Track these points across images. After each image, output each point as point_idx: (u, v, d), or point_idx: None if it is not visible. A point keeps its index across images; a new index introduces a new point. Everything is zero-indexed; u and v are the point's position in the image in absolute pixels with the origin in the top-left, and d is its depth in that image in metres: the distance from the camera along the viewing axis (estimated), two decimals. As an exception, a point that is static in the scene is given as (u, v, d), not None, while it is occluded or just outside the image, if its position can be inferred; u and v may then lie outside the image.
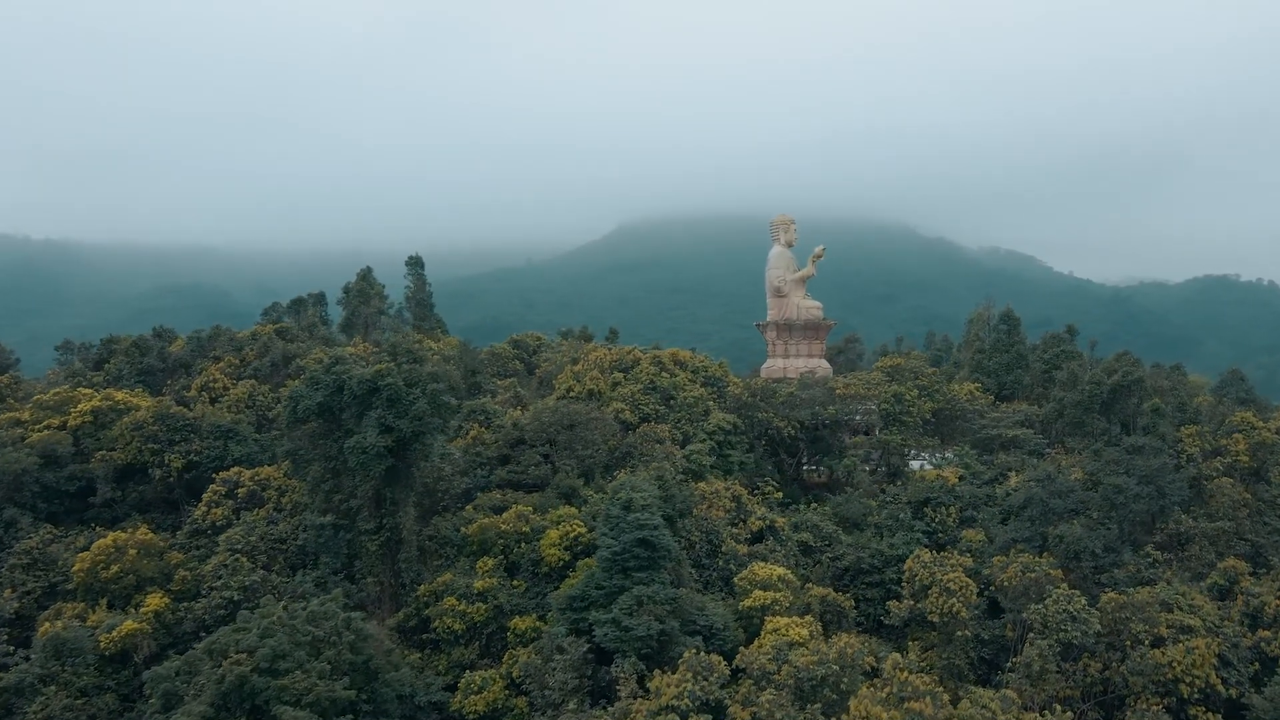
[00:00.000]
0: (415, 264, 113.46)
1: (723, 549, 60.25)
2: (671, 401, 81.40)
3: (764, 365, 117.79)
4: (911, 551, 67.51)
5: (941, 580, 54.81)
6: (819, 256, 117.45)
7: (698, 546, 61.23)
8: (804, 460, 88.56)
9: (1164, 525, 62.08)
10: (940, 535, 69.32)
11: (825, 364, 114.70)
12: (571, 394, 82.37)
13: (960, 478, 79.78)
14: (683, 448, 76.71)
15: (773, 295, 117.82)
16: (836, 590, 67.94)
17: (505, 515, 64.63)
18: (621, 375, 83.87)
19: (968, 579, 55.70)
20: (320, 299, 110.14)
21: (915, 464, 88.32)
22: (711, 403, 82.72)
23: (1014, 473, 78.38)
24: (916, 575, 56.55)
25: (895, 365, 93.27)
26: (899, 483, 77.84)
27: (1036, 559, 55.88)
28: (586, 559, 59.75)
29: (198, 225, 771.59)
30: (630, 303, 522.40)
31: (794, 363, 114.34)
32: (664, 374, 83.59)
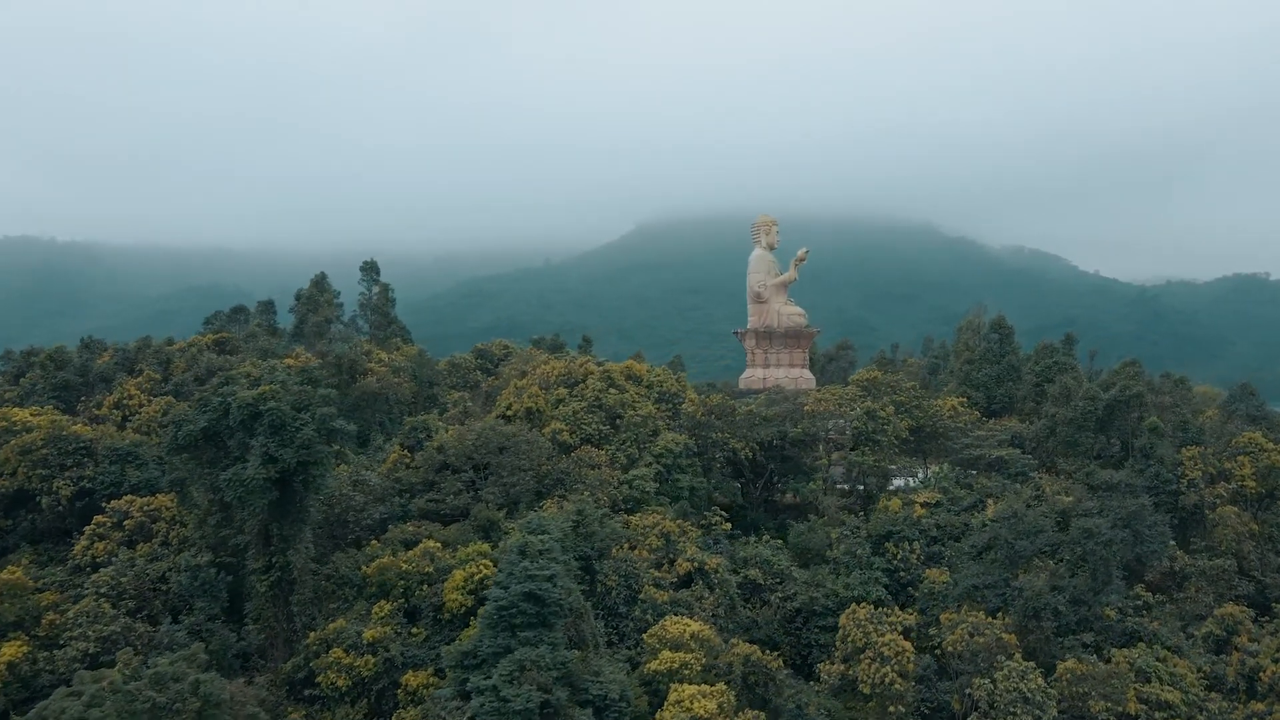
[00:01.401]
0: (370, 270, 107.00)
1: (641, 596, 53.19)
2: (618, 421, 74.47)
3: (742, 375, 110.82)
4: (869, 591, 60.57)
5: (877, 643, 47.52)
6: (801, 260, 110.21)
7: (615, 593, 54.28)
8: (774, 480, 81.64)
9: (1144, 574, 54.55)
10: (902, 574, 62.13)
11: (808, 374, 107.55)
12: (511, 412, 75.71)
13: (937, 503, 72.82)
14: (626, 472, 70.05)
15: (752, 301, 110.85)
16: (788, 634, 61.26)
17: (410, 552, 58.01)
18: (566, 391, 77.05)
19: (906, 643, 48.35)
20: (269, 306, 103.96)
21: (899, 482, 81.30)
22: (662, 422, 75.73)
23: (993, 499, 71.06)
24: (850, 635, 49.33)
25: (872, 379, 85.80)
26: (861, 514, 70.59)
27: (990, 620, 48.40)
28: (493, 605, 53.02)
29: (217, 227, 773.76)
30: (648, 303, 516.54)
31: (774, 373, 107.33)
32: (612, 390, 76.66)
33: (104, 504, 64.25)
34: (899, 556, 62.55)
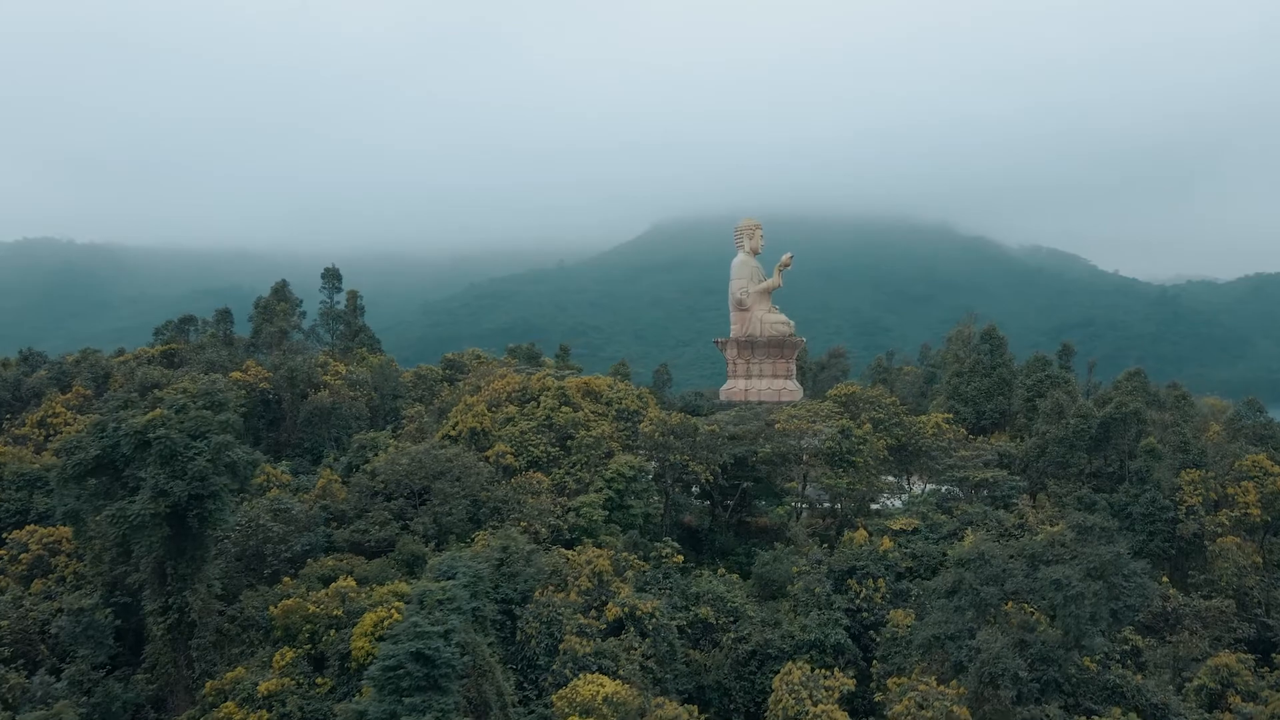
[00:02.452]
0: (331, 276, 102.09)
1: (561, 647, 47.90)
2: (569, 442, 69.32)
3: (723, 387, 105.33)
4: (828, 634, 55.20)
5: (810, 714, 42.03)
6: (786, 265, 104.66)
7: (535, 642, 49.03)
8: (745, 502, 76.39)
9: (1119, 631, 48.85)
10: (865, 614, 56.65)
11: (792, 385, 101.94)
12: (455, 431, 70.69)
13: (915, 530, 67.32)
14: (575, 498, 64.96)
15: (734, 309, 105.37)
16: (740, 678, 55.93)
17: (321, 592, 53.02)
18: (516, 409, 71.97)
19: (843, 715, 42.81)
20: (226, 315, 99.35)
21: (890, 502, 76.00)
22: (618, 443, 70.54)
23: (972, 528, 65.50)
24: (782, 702, 43.82)
25: (850, 394, 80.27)
26: (833, 541, 65.14)
27: (941, 689, 42.77)
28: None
29: (235, 229, 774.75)
30: (662, 303, 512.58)
31: (756, 384, 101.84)
32: (564, 409, 71.52)
33: (4, 534, 59.74)
34: (862, 595, 57.10)
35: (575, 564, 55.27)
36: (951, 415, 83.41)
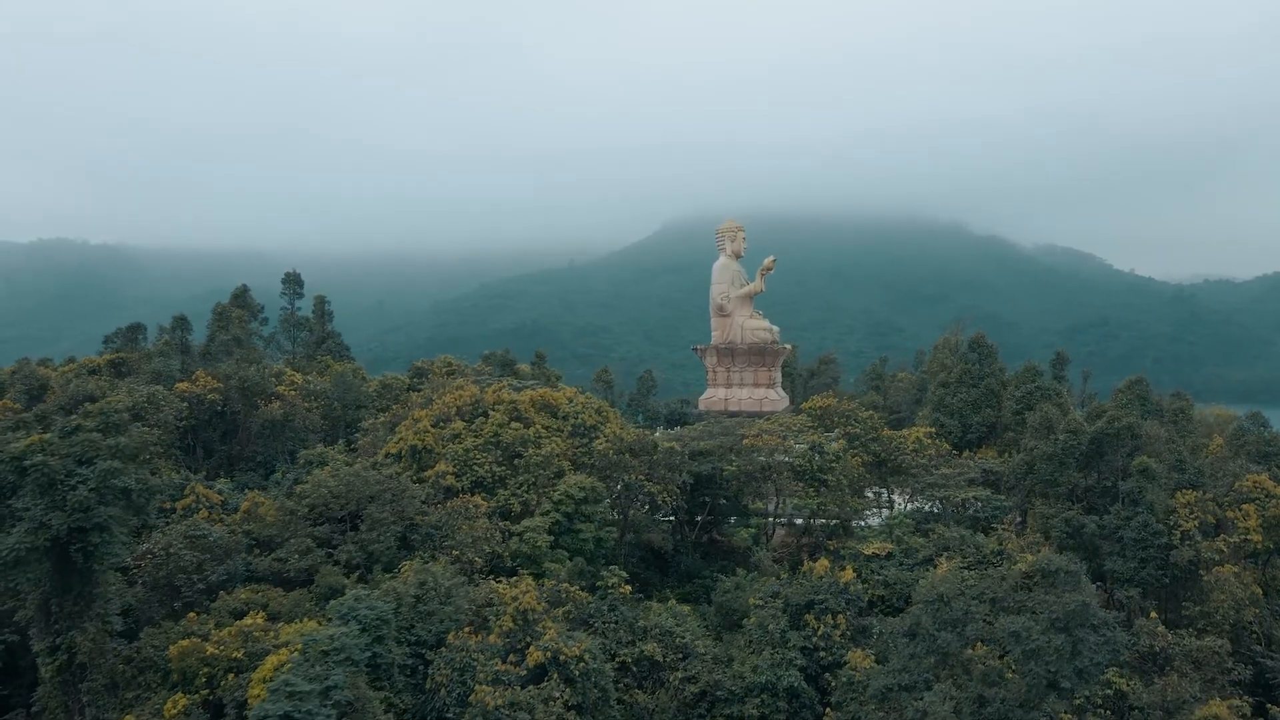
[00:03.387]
0: (292, 283, 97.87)
1: (472, 698, 43.22)
2: (517, 460, 64.76)
3: (702, 396, 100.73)
4: (780, 676, 50.49)
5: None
6: (768, 270, 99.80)
7: (445, 691, 44.38)
8: (716, 520, 71.96)
9: (1088, 686, 43.87)
10: (823, 654, 51.77)
11: (774, 395, 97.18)
12: (396, 449, 66.32)
13: (888, 555, 62.59)
14: (519, 522, 60.47)
15: (715, 314, 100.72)
16: (689, 721, 51.34)
17: (224, 630, 48.61)
18: (463, 425, 67.45)
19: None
20: (183, 323, 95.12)
21: (871, 518, 71.40)
22: (568, 462, 65.95)
23: (947, 555, 60.67)
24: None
25: (824, 407, 75.43)
26: (793, 571, 60.29)
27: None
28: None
29: (246, 229, 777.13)
30: (671, 304, 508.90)
31: (736, 393, 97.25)
32: (514, 424, 66.96)
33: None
34: (820, 632, 52.25)
35: (506, 599, 50.68)
36: (935, 429, 78.54)
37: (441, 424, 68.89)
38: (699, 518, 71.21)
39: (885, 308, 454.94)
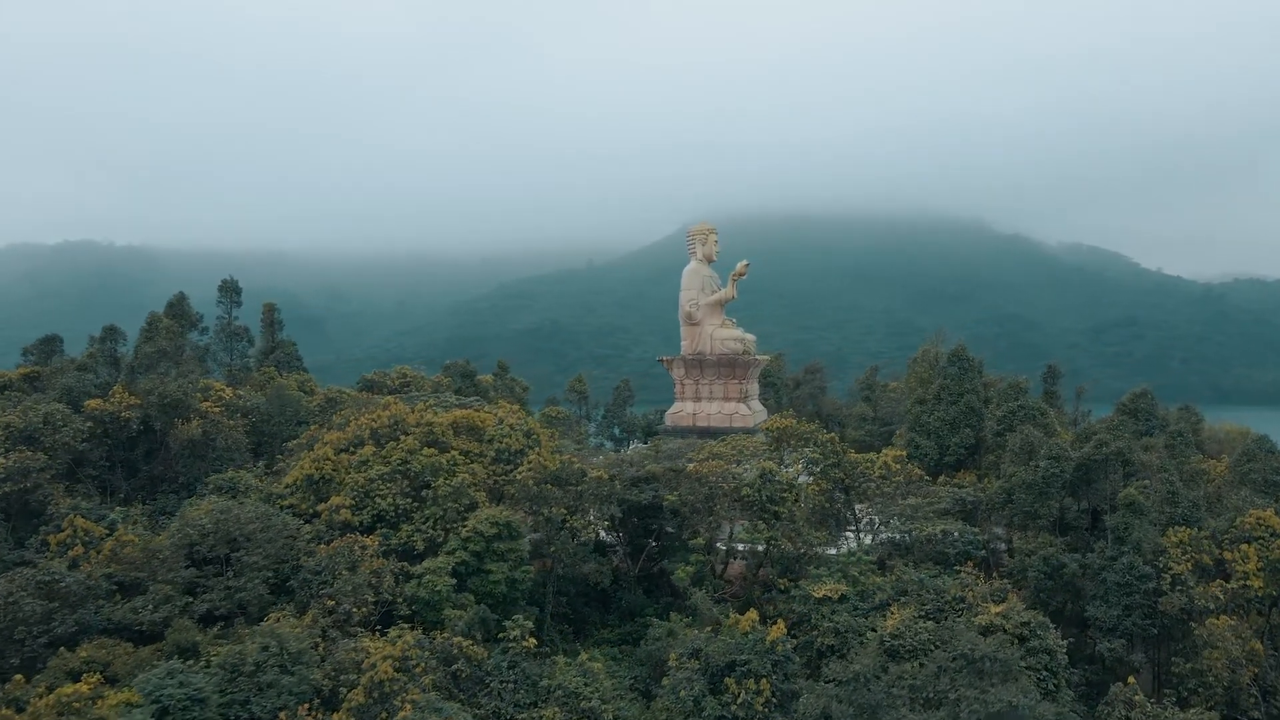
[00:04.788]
0: (229, 291, 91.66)
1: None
2: (425, 491, 58.09)
3: (669, 411, 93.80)
4: (693, 752, 43.65)
5: None
6: (740, 275, 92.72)
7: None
8: (665, 550, 65.16)
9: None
10: (743, 725, 44.86)
11: (746, 409, 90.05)
12: (293, 480, 59.89)
13: (841, 598, 55.64)
14: (420, 562, 53.83)
15: (684, 323, 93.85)
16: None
17: (44, 700, 42.24)
18: (372, 450, 60.85)
19: None
20: (113, 333, 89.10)
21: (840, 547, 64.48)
22: (484, 492, 59.25)
23: (903, 601, 53.59)
24: None
25: (783, 428, 68.32)
26: (722, 623, 53.24)
27: None
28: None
29: (267, 230, 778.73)
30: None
31: (706, 408, 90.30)
32: (427, 450, 60.29)
33: None
34: (740, 699, 45.29)
35: (374, 659, 44.04)
36: (907, 451, 71.25)
37: (353, 448, 62.39)
38: (651, 544, 64.64)
39: (906, 308, 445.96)
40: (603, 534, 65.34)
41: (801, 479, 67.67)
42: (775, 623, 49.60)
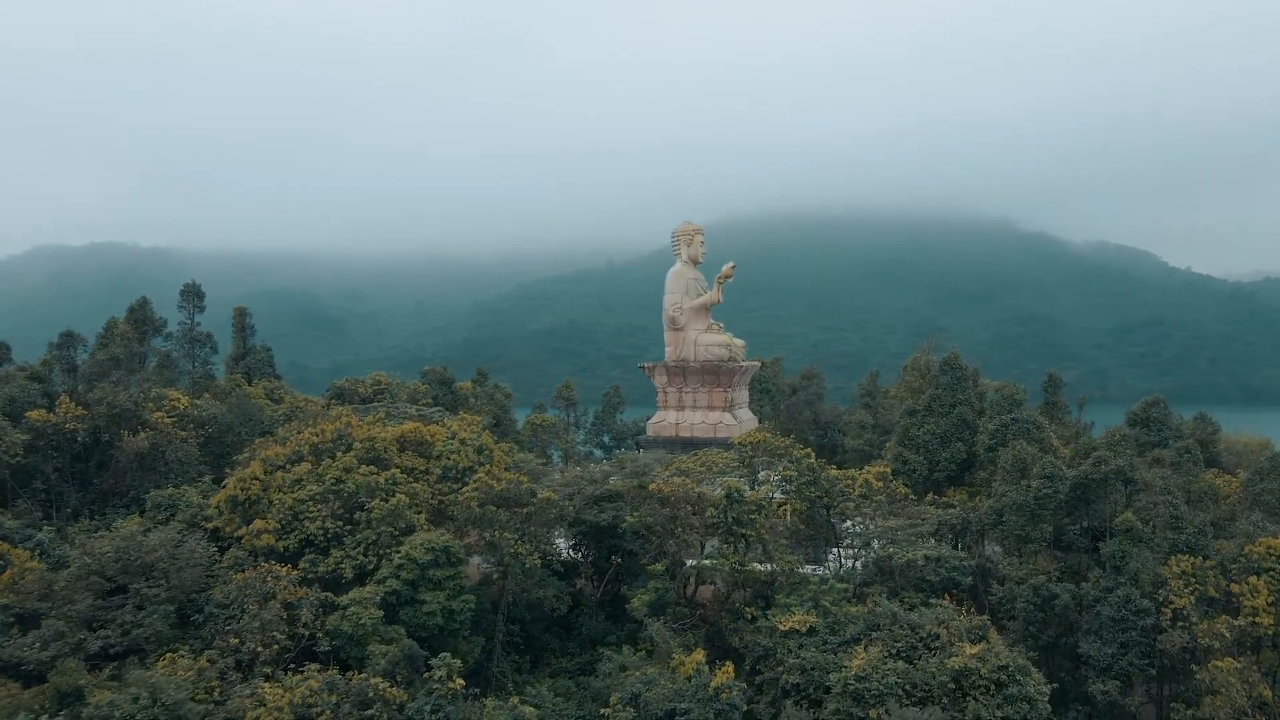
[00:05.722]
0: (190, 295, 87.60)
1: None
2: (358, 514, 53.71)
3: (651, 420, 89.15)
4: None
5: None
6: (726, 278, 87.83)
7: None
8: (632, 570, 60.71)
9: None
10: (680, 783, 40.24)
11: (731, 418, 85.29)
12: (218, 501, 55.75)
13: (810, 630, 51.00)
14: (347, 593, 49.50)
15: (667, 327, 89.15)
16: None
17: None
18: (307, 468, 56.55)
19: None
20: (70, 339, 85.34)
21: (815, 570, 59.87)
22: (423, 516, 54.82)
23: (874, 636, 48.79)
24: None
25: (756, 442, 63.54)
26: (679, 658, 48.46)
27: None
28: None
29: (288, 232, 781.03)
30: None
31: (689, 417, 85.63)
32: (367, 467, 55.92)
33: None
34: (680, 754, 40.67)
35: (274, 705, 39.73)
36: (894, 467, 66.34)
37: (290, 465, 58.13)
38: (616, 563, 60.28)
39: (928, 307, 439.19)
40: (569, 553, 61.13)
41: (778, 495, 62.99)
42: (724, 665, 44.89)
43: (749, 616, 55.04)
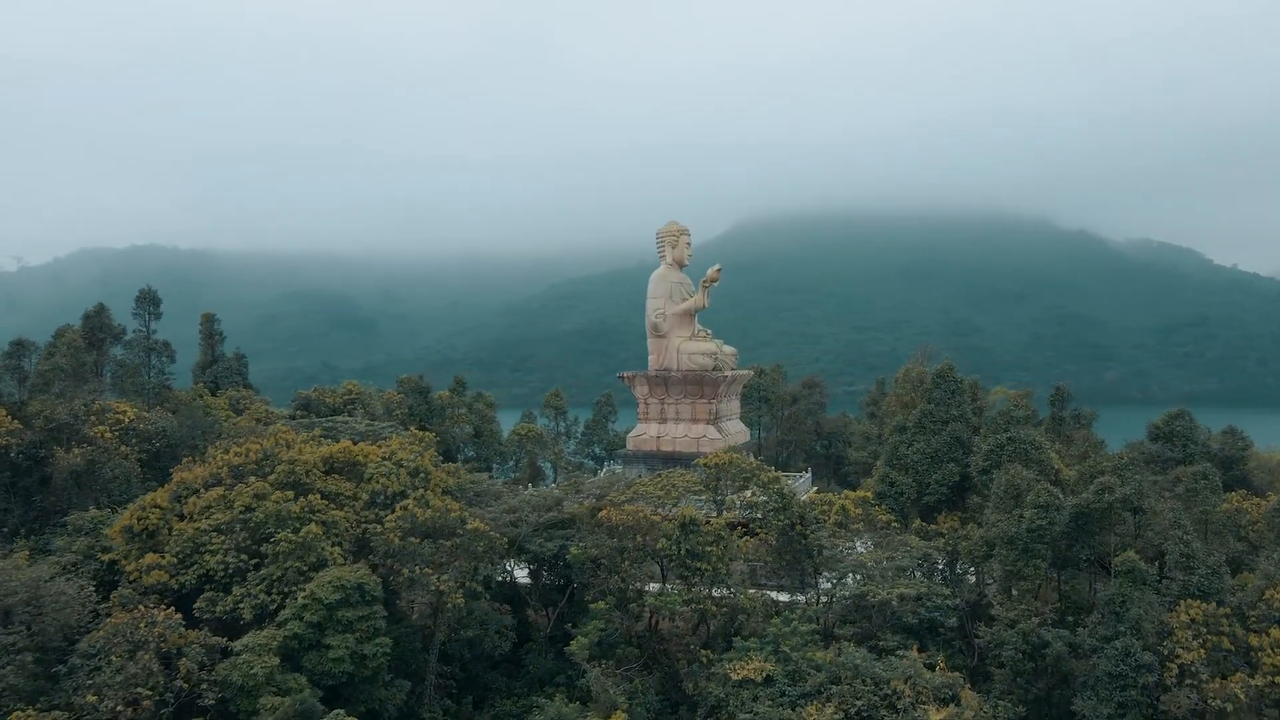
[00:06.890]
0: (146, 302, 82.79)
1: None
2: (265, 546, 48.42)
3: (631, 433, 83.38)
4: None
5: None
6: (713, 281, 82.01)
7: None
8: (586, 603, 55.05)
9: None
10: None
11: (717, 431, 79.35)
12: (121, 529, 50.73)
13: (767, 679, 45.26)
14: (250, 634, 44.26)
15: (650, 334, 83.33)
16: None
17: None
18: (218, 495, 51.38)
19: None
20: (20, 347, 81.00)
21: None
22: (340, 549, 49.40)
23: (834, 691, 42.81)
24: None
25: (722, 463, 57.59)
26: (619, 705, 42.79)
27: None
28: None
29: (324, 233, 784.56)
30: (741, 304, 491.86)
31: (671, 430, 79.89)
32: (281, 493, 50.63)
33: None
34: (585, 840, 34.96)
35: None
36: (880, 489, 60.13)
37: (208, 488, 53.08)
38: (568, 594, 54.76)
39: (964, 307, 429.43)
40: (528, 578, 55.85)
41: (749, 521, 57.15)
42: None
43: (703, 660, 49.33)
